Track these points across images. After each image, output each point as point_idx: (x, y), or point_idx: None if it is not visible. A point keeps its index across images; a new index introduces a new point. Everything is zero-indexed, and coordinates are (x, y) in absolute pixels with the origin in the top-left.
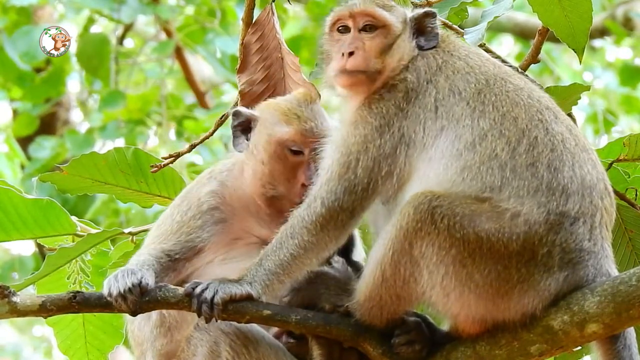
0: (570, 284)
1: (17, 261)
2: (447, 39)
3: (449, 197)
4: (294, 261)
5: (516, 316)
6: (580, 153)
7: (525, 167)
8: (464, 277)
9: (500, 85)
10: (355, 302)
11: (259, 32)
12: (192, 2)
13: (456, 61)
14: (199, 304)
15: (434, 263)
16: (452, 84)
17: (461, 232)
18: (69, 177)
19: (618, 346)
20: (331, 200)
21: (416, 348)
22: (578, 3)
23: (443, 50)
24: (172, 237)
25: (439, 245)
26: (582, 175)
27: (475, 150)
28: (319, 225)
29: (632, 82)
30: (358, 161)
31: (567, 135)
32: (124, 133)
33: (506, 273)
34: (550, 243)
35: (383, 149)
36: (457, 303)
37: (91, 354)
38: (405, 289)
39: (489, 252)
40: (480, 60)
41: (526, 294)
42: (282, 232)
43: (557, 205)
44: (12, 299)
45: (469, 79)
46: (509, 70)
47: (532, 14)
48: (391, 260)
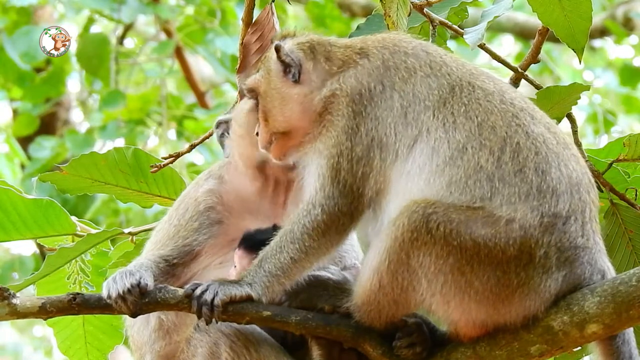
0: (569, 283)
1: (17, 261)
2: (387, 37)
3: (442, 205)
4: (294, 265)
5: (518, 319)
6: (562, 151)
7: (513, 174)
8: (463, 285)
9: (467, 92)
10: (354, 305)
11: (259, 32)
12: (192, 2)
13: (406, 59)
14: (199, 306)
15: (432, 272)
16: (414, 88)
17: (458, 240)
18: (68, 177)
19: (617, 342)
20: (330, 205)
21: (417, 350)
22: (578, 3)
23: (386, 48)
24: (169, 242)
25: (436, 254)
26: (568, 174)
27: (458, 165)
28: (321, 231)
29: (632, 82)
30: (340, 165)
31: (547, 135)
32: (124, 133)
33: (506, 278)
34: (546, 244)
35: (355, 152)
36: (458, 310)
37: (91, 354)
38: (403, 297)
39: (487, 258)
40: (435, 59)
41: (527, 297)
42: (282, 236)
43: (549, 207)
44: (12, 301)
45: (430, 84)
46: (471, 68)
47: (532, 14)
48: (388, 269)
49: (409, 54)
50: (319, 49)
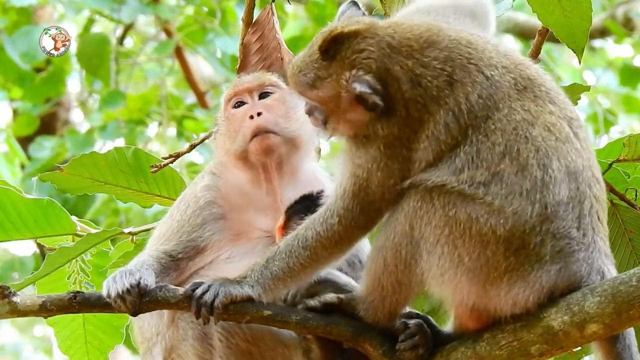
0: (563, 279)
1: (17, 261)
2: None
3: (446, 184)
4: (302, 270)
5: (507, 307)
6: (561, 145)
7: (513, 175)
8: (456, 259)
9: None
10: (357, 297)
11: (259, 32)
12: (192, 2)
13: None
14: (198, 307)
15: (431, 242)
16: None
17: (454, 211)
18: (68, 177)
19: (618, 347)
20: (348, 219)
21: (420, 352)
22: (578, 3)
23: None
24: (173, 237)
25: (435, 224)
26: (566, 165)
27: (457, 179)
28: (334, 241)
29: (632, 82)
30: (370, 181)
31: (545, 134)
32: (124, 133)
33: (494, 260)
34: (545, 232)
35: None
36: (450, 285)
37: (91, 354)
38: (405, 274)
39: (478, 235)
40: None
41: (516, 283)
42: (294, 239)
43: (552, 196)
44: (13, 299)
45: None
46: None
47: (532, 14)
48: (392, 244)
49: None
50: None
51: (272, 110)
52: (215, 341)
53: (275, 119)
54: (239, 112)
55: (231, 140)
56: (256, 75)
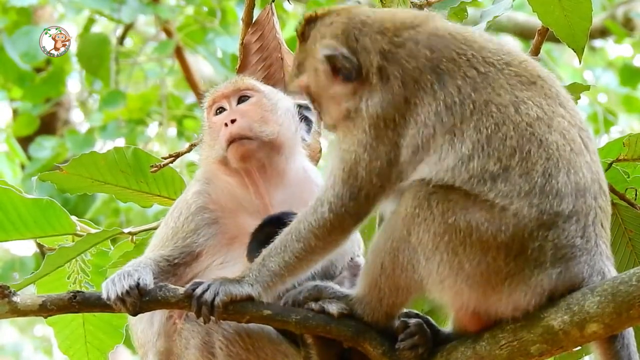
0: (565, 281)
1: (17, 261)
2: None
3: (445, 187)
4: (299, 263)
5: (508, 310)
6: (575, 158)
7: (518, 176)
8: (456, 266)
9: (479, 109)
10: (355, 297)
11: (259, 32)
12: (192, 2)
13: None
14: (199, 306)
15: (429, 249)
16: (457, 92)
17: (453, 219)
18: (69, 177)
19: (616, 346)
20: (338, 206)
21: (419, 352)
22: (578, 3)
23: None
24: (169, 243)
25: (434, 231)
26: (576, 181)
27: (466, 168)
28: (327, 230)
29: (632, 82)
30: (357, 165)
31: (561, 143)
32: (124, 133)
33: (495, 265)
34: (542, 238)
35: (373, 165)
36: (451, 292)
37: (91, 354)
38: (403, 278)
39: (478, 242)
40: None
41: (517, 288)
42: (287, 234)
43: (550, 206)
44: (13, 299)
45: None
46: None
47: (532, 14)
48: (390, 249)
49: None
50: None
51: (247, 115)
52: (217, 350)
53: (250, 124)
54: (219, 120)
55: (211, 148)
56: (232, 80)
